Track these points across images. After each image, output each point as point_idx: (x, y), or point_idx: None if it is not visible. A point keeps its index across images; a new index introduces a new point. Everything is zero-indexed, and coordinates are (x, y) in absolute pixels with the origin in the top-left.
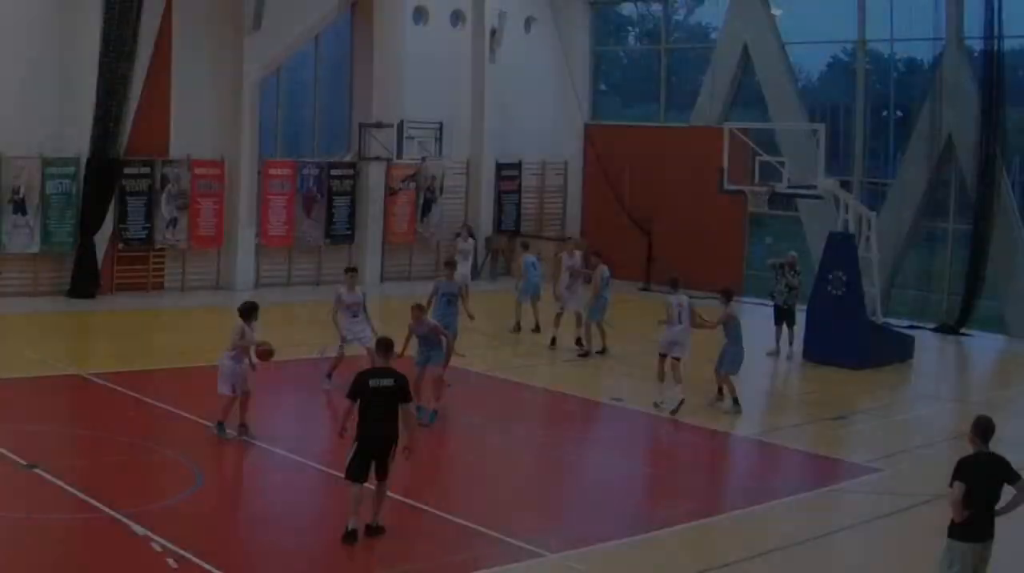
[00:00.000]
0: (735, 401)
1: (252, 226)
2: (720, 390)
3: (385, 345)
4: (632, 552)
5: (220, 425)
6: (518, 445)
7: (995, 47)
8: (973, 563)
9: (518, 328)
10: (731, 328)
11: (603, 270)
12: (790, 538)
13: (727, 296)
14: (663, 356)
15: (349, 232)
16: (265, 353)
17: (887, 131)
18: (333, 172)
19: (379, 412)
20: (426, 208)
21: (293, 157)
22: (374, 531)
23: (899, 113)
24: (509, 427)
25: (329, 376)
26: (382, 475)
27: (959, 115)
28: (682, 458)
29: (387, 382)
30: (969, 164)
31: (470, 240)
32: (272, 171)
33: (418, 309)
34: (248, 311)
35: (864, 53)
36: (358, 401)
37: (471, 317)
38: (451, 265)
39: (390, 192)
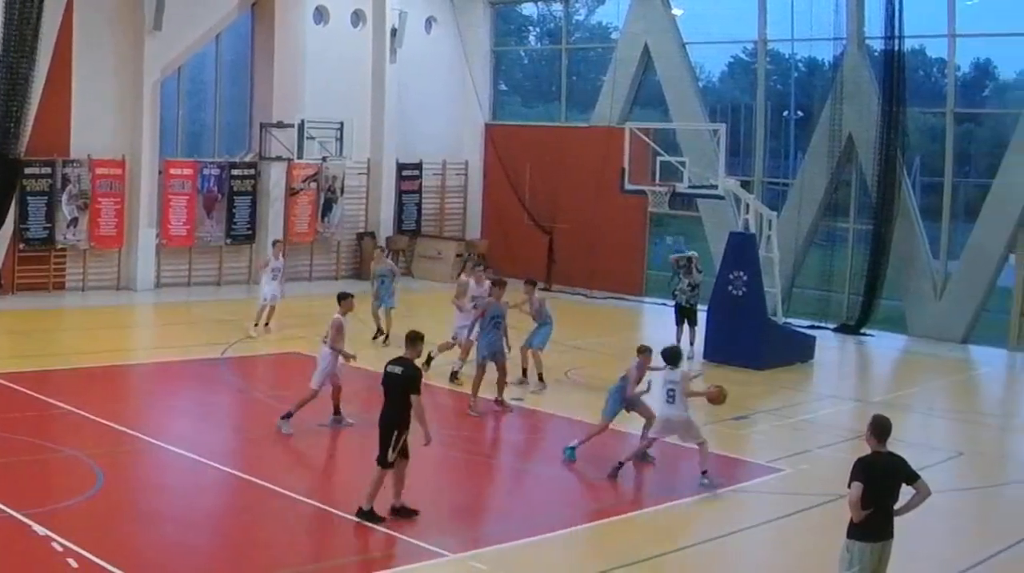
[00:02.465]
0: (540, 377)
1: (153, 226)
2: (524, 371)
3: (410, 337)
4: (535, 551)
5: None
6: (420, 445)
7: (895, 47)
8: (872, 563)
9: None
10: (542, 312)
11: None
12: (692, 538)
13: (533, 283)
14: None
15: (250, 232)
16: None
17: (788, 131)
18: (234, 172)
19: (386, 397)
20: (327, 208)
21: (194, 157)
22: (363, 514)
23: (800, 113)
24: (415, 428)
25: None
26: (379, 459)
27: (860, 115)
28: (585, 457)
29: (397, 370)
30: (870, 164)
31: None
32: (173, 171)
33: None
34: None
35: (765, 53)
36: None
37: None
38: (501, 285)
39: (291, 192)
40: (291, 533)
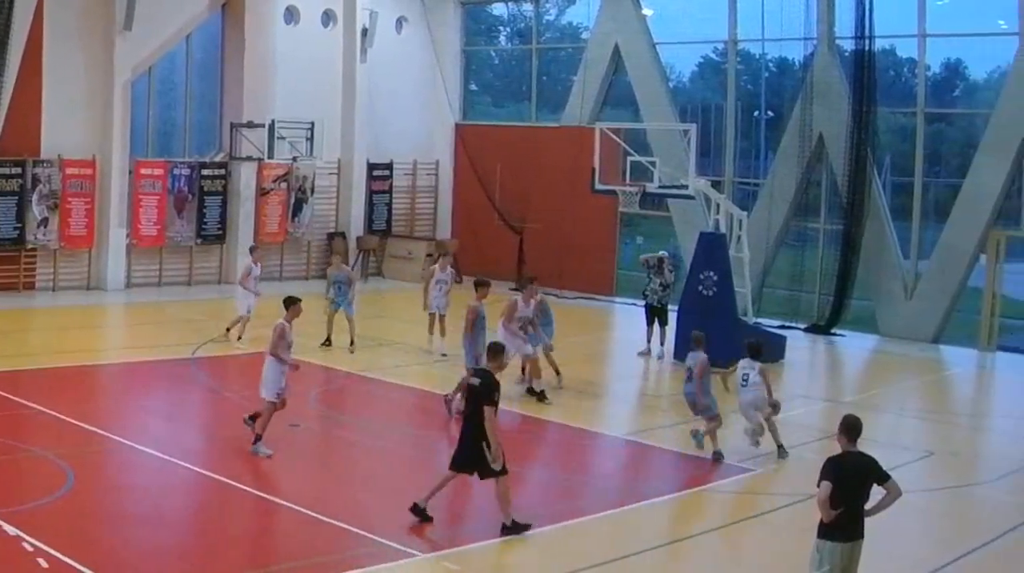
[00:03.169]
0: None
1: (123, 226)
2: (557, 370)
3: (492, 349)
4: (506, 552)
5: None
6: (391, 445)
7: (866, 47)
8: (842, 563)
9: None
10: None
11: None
12: (662, 538)
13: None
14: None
15: (220, 232)
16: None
17: (758, 131)
18: (204, 172)
19: (468, 410)
20: (297, 208)
21: (164, 157)
22: (508, 529)
23: (770, 113)
24: (382, 428)
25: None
26: (481, 475)
27: (830, 115)
28: (553, 458)
29: (475, 382)
30: (840, 164)
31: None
32: (143, 171)
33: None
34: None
35: (735, 53)
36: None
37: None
38: (484, 285)
39: (261, 192)
40: (262, 533)
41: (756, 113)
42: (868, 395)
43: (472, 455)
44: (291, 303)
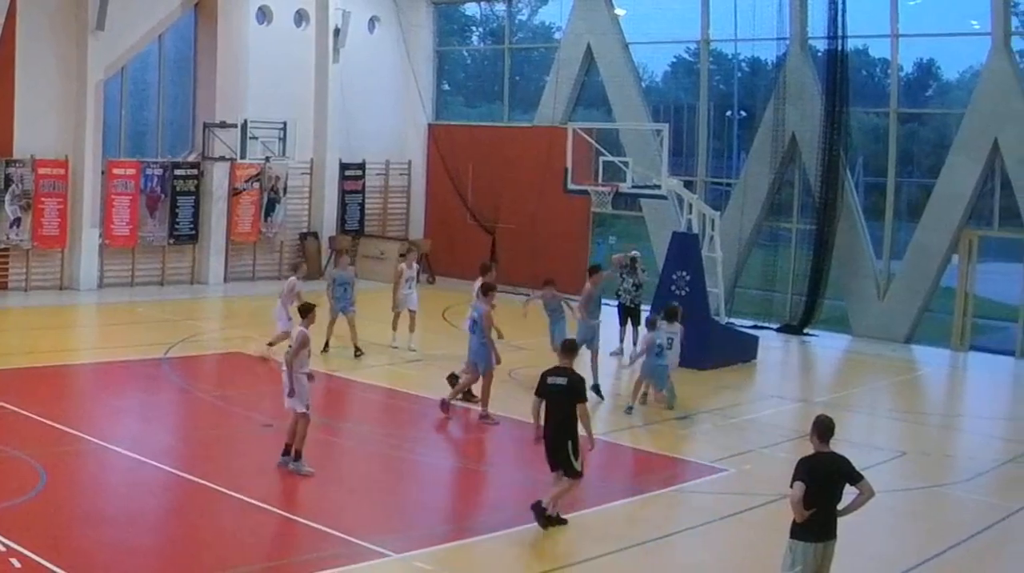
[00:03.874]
0: None
1: (96, 226)
2: None
3: (567, 346)
4: (478, 551)
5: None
6: (362, 445)
7: (838, 47)
8: (815, 563)
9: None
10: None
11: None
12: (635, 538)
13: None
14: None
15: (193, 232)
16: None
17: (731, 131)
18: (177, 172)
19: (552, 410)
20: (270, 208)
21: (137, 157)
22: (552, 521)
23: (743, 113)
24: (353, 427)
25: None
26: (566, 472)
27: (803, 115)
28: (523, 458)
29: (561, 381)
30: (813, 164)
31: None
32: (116, 171)
33: None
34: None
35: (707, 53)
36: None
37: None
38: (551, 283)
39: (234, 192)
40: (235, 533)
41: (728, 113)
42: (841, 395)
43: (559, 455)
44: (309, 310)
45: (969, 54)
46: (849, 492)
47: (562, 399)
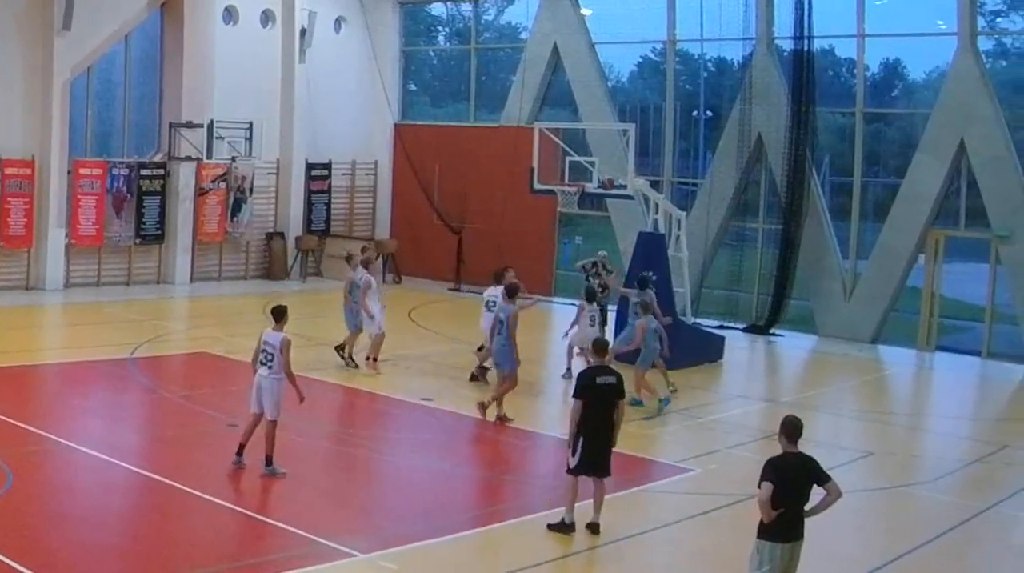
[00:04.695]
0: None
1: (62, 226)
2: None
3: (601, 345)
4: (444, 551)
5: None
6: (330, 445)
7: (804, 47)
8: (782, 563)
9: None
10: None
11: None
12: (601, 538)
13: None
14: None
15: (159, 232)
16: None
17: (697, 131)
18: (143, 172)
19: (602, 409)
20: (236, 208)
21: (103, 157)
22: (596, 528)
23: (709, 113)
24: (322, 428)
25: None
26: (606, 474)
27: (769, 115)
28: (495, 458)
29: (611, 380)
30: (779, 164)
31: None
32: (82, 171)
33: None
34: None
35: (674, 53)
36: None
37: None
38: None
39: (200, 192)
40: (202, 533)
41: (695, 113)
42: (807, 395)
43: (607, 455)
44: (282, 313)
45: (935, 54)
46: (817, 492)
47: (613, 397)
